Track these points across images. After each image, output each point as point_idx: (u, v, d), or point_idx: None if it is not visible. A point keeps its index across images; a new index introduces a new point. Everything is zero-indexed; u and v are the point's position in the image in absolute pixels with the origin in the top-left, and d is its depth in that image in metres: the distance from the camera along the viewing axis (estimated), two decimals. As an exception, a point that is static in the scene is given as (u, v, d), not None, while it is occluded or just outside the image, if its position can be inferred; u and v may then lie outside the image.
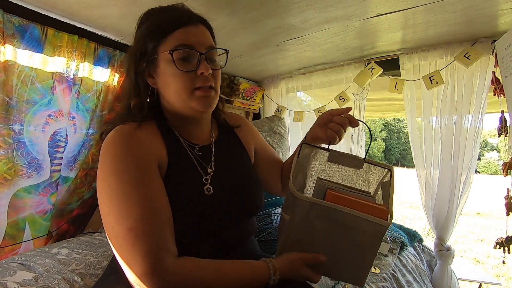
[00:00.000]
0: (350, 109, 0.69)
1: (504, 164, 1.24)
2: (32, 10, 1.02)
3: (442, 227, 1.52)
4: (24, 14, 1.00)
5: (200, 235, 0.62)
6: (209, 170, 0.67)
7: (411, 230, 1.79)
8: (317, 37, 1.41)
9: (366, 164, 0.70)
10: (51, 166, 1.16)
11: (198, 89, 0.63)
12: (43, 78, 1.09)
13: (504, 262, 1.42)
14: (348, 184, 0.74)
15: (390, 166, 0.67)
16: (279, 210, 1.35)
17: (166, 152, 0.63)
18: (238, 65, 1.81)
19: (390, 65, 1.61)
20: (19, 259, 0.90)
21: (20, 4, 0.99)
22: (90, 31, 1.20)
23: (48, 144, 1.14)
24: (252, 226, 0.76)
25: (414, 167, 1.64)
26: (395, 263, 1.38)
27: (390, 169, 0.67)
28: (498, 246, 1.28)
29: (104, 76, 1.28)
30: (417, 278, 1.40)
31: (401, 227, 1.78)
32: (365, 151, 1.76)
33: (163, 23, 0.62)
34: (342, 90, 1.76)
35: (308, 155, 0.73)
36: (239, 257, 0.62)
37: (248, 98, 2.18)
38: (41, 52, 1.06)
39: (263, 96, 2.29)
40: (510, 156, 1.23)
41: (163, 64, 0.62)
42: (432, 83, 1.42)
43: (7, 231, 1.04)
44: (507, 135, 1.27)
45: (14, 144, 1.04)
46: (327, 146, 0.69)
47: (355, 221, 0.55)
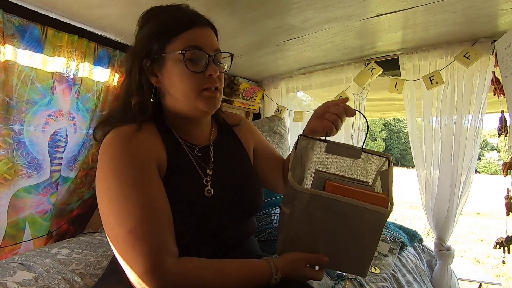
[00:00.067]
0: (347, 99, 0.69)
1: (504, 164, 1.24)
2: (32, 10, 1.02)
3: (442, 227, 1.53)
4: (24, 14, 1.00)
5: (200, 236, 0.62)
6: (208, 171, 0.67)
7: (411, 230, 1.78)
8: (317, 37, 1.41)
9: (363, 154, 0.69)
10: (51, 166, 1.16)
11: (205, 90, 0.63)
12: (43, 78, 1.09)
13: (504, 262, 1.42)
14: (346, 175, 0.74)
15: (388, 154, 0.67)
16: (279, 210, 1.34)
17: (165, 154, 0.63)
18: (238, 65, 1.81)
19: (390, 65, 1.61)
20: (19, 259, 0.90)
21: (20, 4, 0.99)
22: (90, 31, 1.20)
23: (48, 144, 1.14)
24: (252, 226, 0.76)
25: (414, 167, 1.64)
26: (395, 263, 1.38)
27: (387, 157, 0.66)
28: (498, 246, 1.28)
29: (104, 76, 1.28)
30: (417, 278, 1.40)
31: (401, 227, 1.78)
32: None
33: (173, 22, 0.62)
34: (342, 90, 1.76)
35: (306, 147, 0.72)
36: (239, 257, 0.62)
37: (248, 98, 2.18)
38: (41, 52, 1.06)
39: (263, 96, 2.29)
40: (510, 156, 1.23)
41: (170, 63, 0.62)
42: (432, 83, 1.42)
43: (7, 231, 1.04)
44: (507, 135, 1.27)
45: (14, 144, 1.04)
46: (324, 138, 0.68)
47: (356, 210, 0.54)
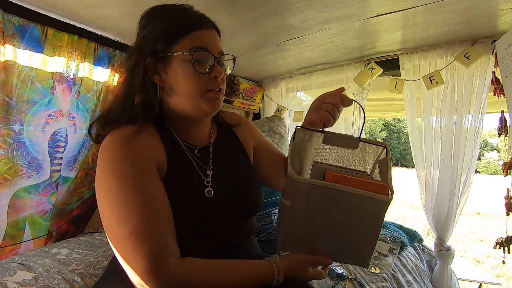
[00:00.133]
0: (342, 89, 0.69)
1: (504, 164, 1.24)
2: (32, 10, 1.02)
3: (442, 227, 1.53)
4: (24, 14, 1.00)
5: (200, 236, 0.62)
6: (208, 172, 0.67)
7: (411, 230, 1.78)
8: (317, 37, 1.41)
9: (361, 144, 0.69)
10: (51, 166, 1.16)
11: (209, 91, 0.64)
12: (43, 78, 1.09)
13: (504, 262, 1.42)
14: (344, 166, 0.73)
15: (385, 143, 0.67)
16: (279, 202, 1.34)
17: (165, 154, 0.63)
18: (238, 65, 1.78)
19: (390, 65, 1.61)
20: (19, 259, 0.90)
21: (20, 4, 0.99)
22: (90, 31, 1.20)
23: (48, 144, 1.14)
24: (252, 226, 0.76)
25: (414, 167, 1.64)
26: (395, 263, 1.38)
27: (385, 146, 0.67)
28: (498, 246, 1.28)
29: (104, 76, 1.28)
30: (417, 278, 1.40)
31: (401, 227, 1.78)
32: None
33: (181, 22, 0.62)
34: (342, 90, 1.76)
35: (303, 138, 0.72)
36: (239, 257, 0.62)
37: (248, 98, 2.18)
38: (41, 52, 1.06)
39: (263, 96, 2.29)
40: (510, 156, 1.23)
41: (176, 63, 0.62)
42: (432, 83, 1.42)
43: (7, 231, 1.04)
44: (507, 135, 1.27)
45: (14, 144, 1.04)
46: (322, 129, 0.68)
47: (356, 199, 0.54)
